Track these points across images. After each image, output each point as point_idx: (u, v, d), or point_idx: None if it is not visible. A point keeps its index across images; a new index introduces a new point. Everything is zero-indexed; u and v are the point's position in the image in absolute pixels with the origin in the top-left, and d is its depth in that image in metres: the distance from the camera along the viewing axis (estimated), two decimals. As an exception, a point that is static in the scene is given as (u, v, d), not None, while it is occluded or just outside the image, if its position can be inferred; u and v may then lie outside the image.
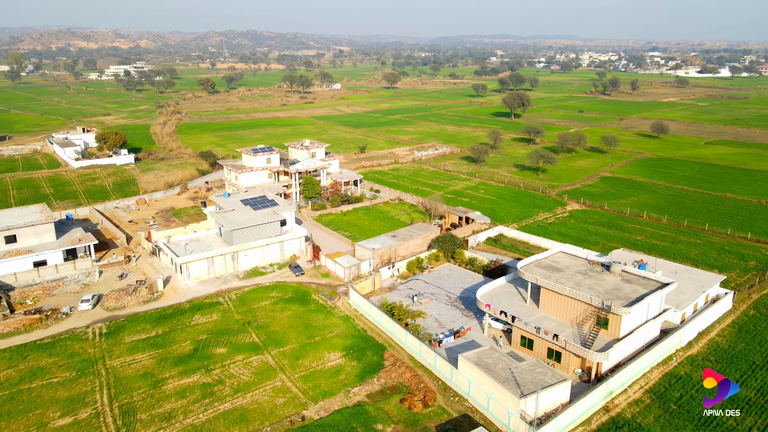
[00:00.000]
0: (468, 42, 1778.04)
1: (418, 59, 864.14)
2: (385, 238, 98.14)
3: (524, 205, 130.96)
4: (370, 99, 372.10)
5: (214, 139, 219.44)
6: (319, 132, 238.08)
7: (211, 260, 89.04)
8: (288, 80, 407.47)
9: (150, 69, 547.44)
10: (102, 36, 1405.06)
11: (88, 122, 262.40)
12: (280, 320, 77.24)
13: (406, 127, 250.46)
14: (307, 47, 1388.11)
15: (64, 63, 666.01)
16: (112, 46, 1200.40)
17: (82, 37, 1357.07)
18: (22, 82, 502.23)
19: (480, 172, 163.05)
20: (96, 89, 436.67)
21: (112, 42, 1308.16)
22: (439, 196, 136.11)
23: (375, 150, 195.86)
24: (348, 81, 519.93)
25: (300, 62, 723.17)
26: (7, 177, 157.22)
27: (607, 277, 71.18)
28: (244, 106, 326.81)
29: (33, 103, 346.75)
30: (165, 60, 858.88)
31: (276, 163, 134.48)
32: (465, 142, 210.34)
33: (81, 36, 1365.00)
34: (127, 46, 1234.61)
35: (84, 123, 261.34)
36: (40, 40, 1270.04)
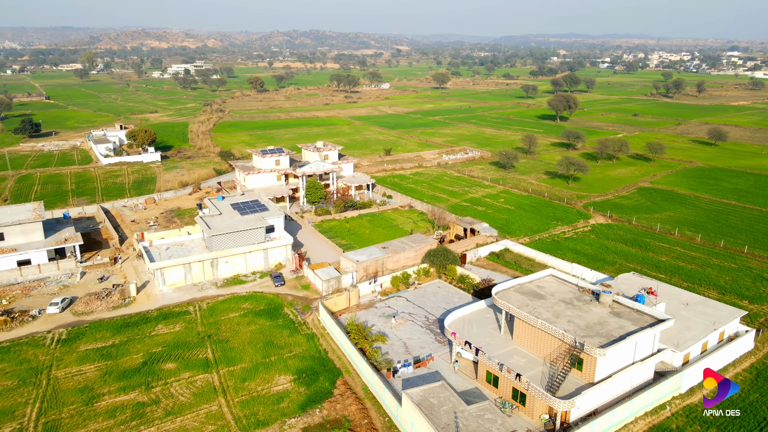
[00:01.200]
0: (532, 41, 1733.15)
1: (476, 59, 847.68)
2: (373, 250, 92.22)
3: (543, 216, 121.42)
4: (415, 99, 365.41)
5: (246, 138, 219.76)
6: (352, 132, 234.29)
7: (188, 266, 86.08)
8: (335, 80, 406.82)
9: (208, 68, 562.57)
10: (173, 36, 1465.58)
11: (134, 119, 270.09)
12: (243, 335, 72.99)
13: (442, 129, 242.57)
14: (368, 47, 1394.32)
15: (131, 62, 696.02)
16: (181, 46, 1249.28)
17: (155, 37, 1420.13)
18: (90, 79, 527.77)
19: (506, 179, 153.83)
20: (154, 87, 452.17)
21: (182, 42, 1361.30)
22: (444, 205, 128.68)
23: (402, 153, 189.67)
24: (399, 81, 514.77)
25: (355, 61, 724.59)
26: (38, 172, 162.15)
27: (595, 308, 62.45)
28: (287, 105, 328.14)
29: (92, 100, 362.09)
30: (227, 59, 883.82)
31: (285, 165, 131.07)
32: (500, 146, 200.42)
33: (154, 36, 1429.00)
34: (195, 46, 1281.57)
35: (130, 120, 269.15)
36: (116, 40, 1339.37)
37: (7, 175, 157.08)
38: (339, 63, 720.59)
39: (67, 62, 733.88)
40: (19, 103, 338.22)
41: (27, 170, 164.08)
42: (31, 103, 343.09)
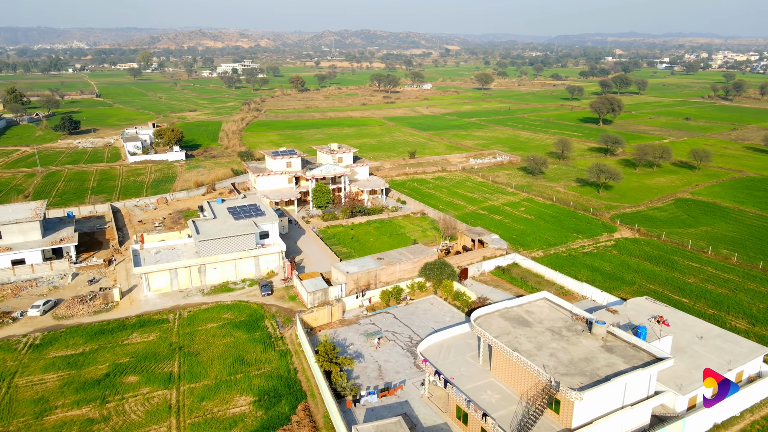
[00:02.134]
0: (589, 41, 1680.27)
1: (527, 59, 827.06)
2: (367, 261, 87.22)
3: (563, 228, 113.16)
4: (454, 100, 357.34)
5: (275, 138, 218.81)
6: (382, 134, 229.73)
7: (174, 272, 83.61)
8: (376, 79, 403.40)
9: (254, 67, 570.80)
10: (228, 36, 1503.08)
11: (173, 117, 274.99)
12: (215, 348, 69.57)
13: (476, 132, 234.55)
14: (417, 46, 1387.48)
15: (184, 61, 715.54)
16: (234, 46, 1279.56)
17: (211, 37, 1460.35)
18: (142, 78, 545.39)
19: (532, 186, 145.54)
20: (201, 86, 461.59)
21: (236, 42, 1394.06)
22: (459, 213, 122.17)
23: (428, 155, 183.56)
24: (442, 81, 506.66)
25: (401, 61, 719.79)
26: (66, 169, 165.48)
27: (585, 340, 55.41)
28: (324, 105, 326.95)
29: (138, 98, 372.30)
30: (277, 58, 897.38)
31: (297, 168, 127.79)
32: (533, 151, 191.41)
33: (210, 36, 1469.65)
34: (248, 46, 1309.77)
35: (169, 118, 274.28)
36: (174, 40, 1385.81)
37: (37, 171, 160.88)
38: (385, 63, 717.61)
39: (125, 61, 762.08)
40: (70, 100, 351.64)
41: (57, 167, 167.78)
42: (82, 100, 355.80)
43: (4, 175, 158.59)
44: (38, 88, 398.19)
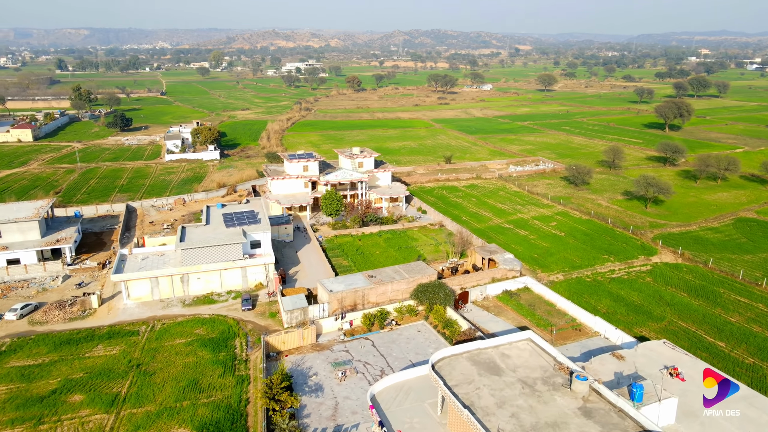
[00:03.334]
0: (673, 40, 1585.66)
1: (600, 59, 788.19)
2: (357, 278, 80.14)
3: (594, 248, 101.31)
4: (512, 102, 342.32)
5: (315, 138, 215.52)
6: (426, 136, 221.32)
7: (155, 280, 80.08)
8: (433, 80, 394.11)
9: (317, 66, 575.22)
10: (300, 36, 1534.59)
11: (223, 116, 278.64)
12: (173, 368, 64.90)
13: (525, 136, 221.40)
14: (488, 46, 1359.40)
15: (252, 60, 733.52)
16: (305, 45, 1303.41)
17: (284, 37, 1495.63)
18: (210, 77, 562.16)
19: (571, 198, 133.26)
20: (262, 85, 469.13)
21: (308, 42, 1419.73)
22: (482, 226, 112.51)
23: (466, 161, 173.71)
24: (505, 82, 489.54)
25: (465, 61, 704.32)
26: (104, 166, 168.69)
27: (561, 398, 46.01)
28: (376, 105, 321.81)
29: (199, 96, 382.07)
30: (343, 58, 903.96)
31: (314, 172, 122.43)
32: (584, 158, 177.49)
33: (283, 36, 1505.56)
34: (318, 45, 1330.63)
35: (220, 117, 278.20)
36: (249, 40, 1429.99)
37: (76, 168, 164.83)
38: (449, 63, 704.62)
39: (200, 61, 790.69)
40: (135, 98, 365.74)
41: (97, 163, 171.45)
42: (147, 98, 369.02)
43: (47, 170, 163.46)
44: (110, 85, 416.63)
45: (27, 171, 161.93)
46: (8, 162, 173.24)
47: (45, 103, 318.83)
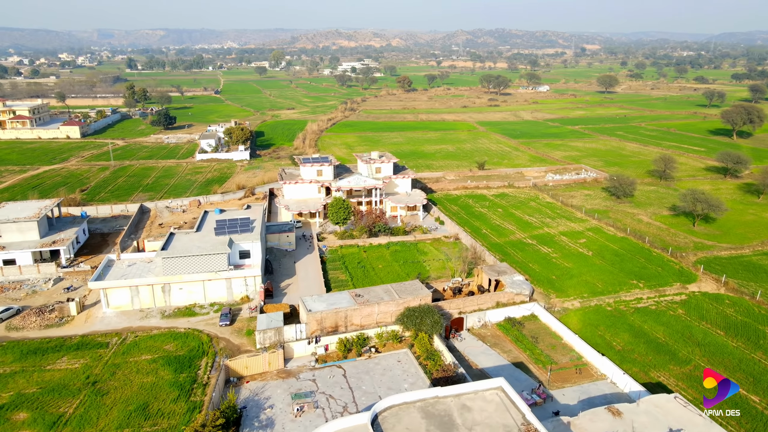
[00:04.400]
0: (759, 39, 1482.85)
1: (674, 59, 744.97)
2: (342, 297, 73.72)
3: (622, 270, 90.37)
4: (567, 104, 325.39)
5: (351, 140, 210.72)
6: (466, 140, 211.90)
7: (135, 289, 76.80)
8: (486, 80, 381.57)
9: (373, 66, 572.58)
10: (362, 36, 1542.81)
11: (267, 115, 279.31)
12: (128, 389, 60.80)
13: (573, 142, 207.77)
14: (553, 45, 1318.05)
15: (310, 60, 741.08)
16: (366, 45, 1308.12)
17: (346, 36, 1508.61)
18: (267, 76, 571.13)
19: (609, 212, 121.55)
20: (315, 84, 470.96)
21: (369, 41, 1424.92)
22: (501, 240, 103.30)
23: (501, 167, 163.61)
24: (564, 83, 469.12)
25: (526, 61, 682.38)
26: (137, 164, 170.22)
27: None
28: (423, 106, 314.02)
29: (250, 95, 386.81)
30: (402, 58, 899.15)
31: (328, 177, 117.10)
32: (634, 167, 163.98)
33: (345, 36, 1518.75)
34: (379, 45, 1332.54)
35: (264, 116, 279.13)
36: (312, 40, 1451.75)
37: (109, 165, 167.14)
38: (509, 62, 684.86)
39: (263, 60, 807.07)
40: (189, 96, 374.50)
41: (131, 161, 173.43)
42: (200, 96, 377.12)
43: (83, 167, 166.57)
44: (171, 84, 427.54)
45: (64, 168, 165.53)
46: (51, 158, 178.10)
47: (104, 101, 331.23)
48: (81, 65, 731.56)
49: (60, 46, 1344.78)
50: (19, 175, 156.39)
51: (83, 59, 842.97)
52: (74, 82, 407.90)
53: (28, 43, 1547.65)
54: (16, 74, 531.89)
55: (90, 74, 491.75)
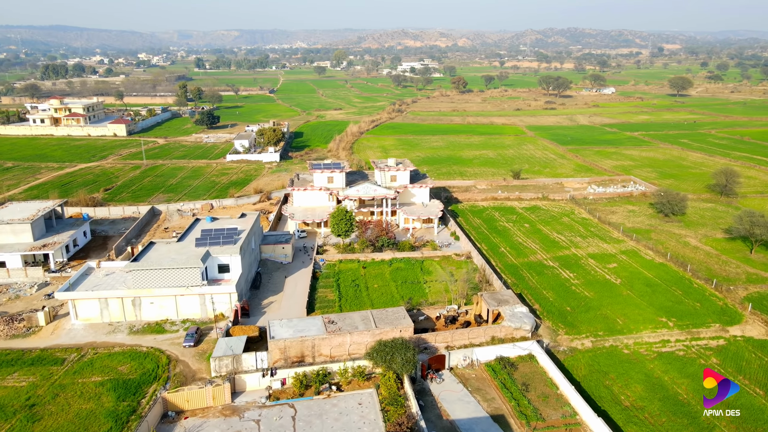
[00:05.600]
0: None
1: (762, 60, 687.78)
2: (314, 323, 66.47)
3: (652, 305, 78.08)
4: (631, 108, 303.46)
5: (389, 143, 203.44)
6: (511, 145, 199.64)
7: (104, 301, 72.85)
8: (545, 82, 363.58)
9: (431, 66, 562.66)
10: (428, 35, 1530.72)
11: (312, 115, 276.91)
12: (63, 416, 56.16)
13: (628, 149, 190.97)
14: (629, 45, 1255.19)
15: (370, 60, 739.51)
16: (431, 45, 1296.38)
17: (412, 36, 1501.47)
18: (325, 76, 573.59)
19: (652, 232, 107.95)
20: (371, 84, 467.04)
21: (435, 41, 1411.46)
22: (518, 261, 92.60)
23: (540, 177, 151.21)
24: (633, 84, 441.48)
25: (595, 62, 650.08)
26: (169, 163, 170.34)
27: None
28: (475, 108, 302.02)
29: (303, 94, 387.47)
30: (466, 58, 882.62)
31: (339, 184, 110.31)
32: (693, 180, 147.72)
33: (411, 36, 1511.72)
34: (445, 45, 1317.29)
35: (310, 116, 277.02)
36: (378, 40, 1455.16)
37: (142, 164, 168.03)
38: (577, 63, 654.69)
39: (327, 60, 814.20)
40: (244, 95, 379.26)
41: (164, 161, 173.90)
42: (254, 96, 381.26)
43: (117, 165, 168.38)
44: (231, 83, 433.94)
45: (99, 166, 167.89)
46: (90, 156, 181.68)
47: (161, 99, 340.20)
48: (154, 64, 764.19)
49: (142, 47, 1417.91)
50: (56, 172, 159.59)
51: (158, 59, 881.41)
52: (138, 81, 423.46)
53: (115, 43, 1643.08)
54: (92, 72, 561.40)
55: (157, 73, 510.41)
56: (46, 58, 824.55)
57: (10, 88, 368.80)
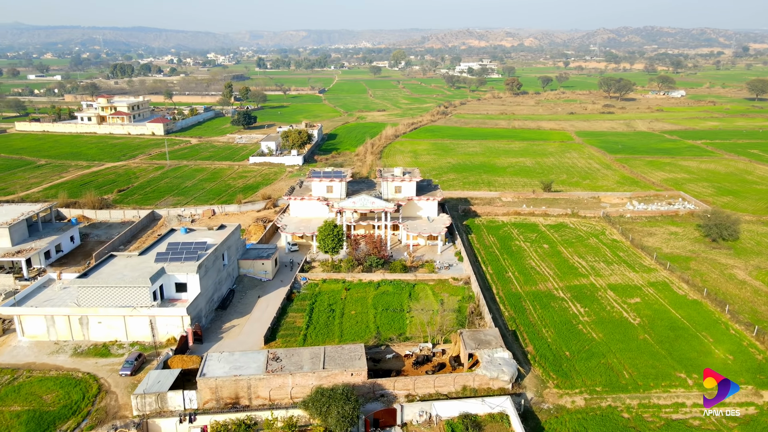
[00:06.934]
0: None
1: None
2: (256, 359, 58.41)
3: (672, 355, 64.94)
4: (698, 113, 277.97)
5: (423, 147, 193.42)
6: (554, 153, 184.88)
7: (50, 319, 67.95)
8: (605, 84, 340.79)
9: (489, 67, 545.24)
10: (494, 35, 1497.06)
11: (354, 116, 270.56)
12: (-37, 450, 51.16)
13: (686, 160, 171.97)
14: (711, 44, 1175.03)
15: (428, 60, 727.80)
16: (496, 45, 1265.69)
17: (477, 36, 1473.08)
18: (381, 76, 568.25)
19: (693, 260, 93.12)
20: (423, 85, 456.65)
21: (500, 41, 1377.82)
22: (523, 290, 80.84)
23: (576, 189, 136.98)
24: (708, 87, 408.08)
25: (667, 62, 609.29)
26: (192, 164, 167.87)
27: None
28: (524, 111, 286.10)
29: (352, 95, 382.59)
30: (530, 59, 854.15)
31: (339, 194, 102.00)
32: (757, 198, 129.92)
33: (476, 35, 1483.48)
34: (510, 45, 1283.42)
35: (351, 117, 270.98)
36: (442, 40, 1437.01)
37: (165, 165, 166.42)
38: (648, 64, 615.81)
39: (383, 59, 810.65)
40: (293, 95, 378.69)
41: (188, 161, 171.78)
42: (302, 95, 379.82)
43: (142, 165, 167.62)
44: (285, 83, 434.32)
45: (125, 165, 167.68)
46: (120, 155, 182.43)
47: (212, 98, 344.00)
48: (219, 64, 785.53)
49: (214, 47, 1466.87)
50: (82, 170, 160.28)
51: (224, 59, 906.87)
52: (194, 80, 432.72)
53: (190, 44, 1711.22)
54: (157, 71, 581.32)
55: (215, 72, 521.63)
56: (123, 57, 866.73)
57: (75, 86, 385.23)
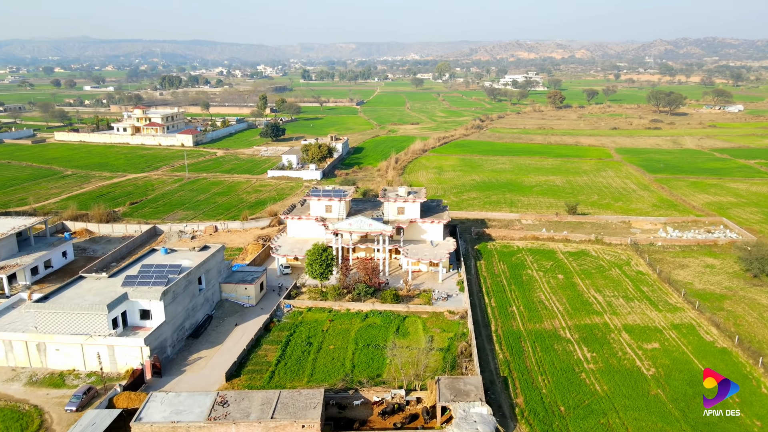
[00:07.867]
0: None
1: None
2: (201, 402, 52.67)
3: (687, 419, 55.34)
4: (755, 130, 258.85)
5: (450, 163, 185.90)
6: (588, 171, 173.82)
7: (8, 344, 64.57)
8: (654, 98, 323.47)
9: (535, 80, 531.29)
10: (544, 47, 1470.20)
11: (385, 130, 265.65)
12: None
13: (734, 182, 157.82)
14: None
15: (475, 72, 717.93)
16: (545, 57, 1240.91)
17: (527, 48, 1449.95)
18: (422, 88, 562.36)
19: (728, 299, 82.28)
20: (464, 98, 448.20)
21: (551, 53, 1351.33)
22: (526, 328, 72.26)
23: (605, 212, 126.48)
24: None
25: (727, 75, 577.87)
26: (211, 177, 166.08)
27: None
28: (564, 126, 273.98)
29: (390, 107, 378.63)
30: (580, 71, 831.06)
31: (338, 214, 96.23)
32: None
33: (526, 47, 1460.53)
34: (560, 57, 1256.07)
35: (383, 130, 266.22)
36: (490, 52, 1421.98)
37: (184, 177, 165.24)
38: (705, 76, 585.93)
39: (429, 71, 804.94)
40: (329, 107, 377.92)
41: (208, 174, 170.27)
42: (339, 107, 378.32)
43: (162, 177, 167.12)
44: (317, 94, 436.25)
45: (145, 177, 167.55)
46: (145, 166, 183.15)
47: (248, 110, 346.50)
48: (266, 76, 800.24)
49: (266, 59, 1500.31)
50: (103, 182, 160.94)
51: (272, 71, 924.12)
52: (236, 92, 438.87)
53: (243, 56, 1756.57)
54: (204, 83, 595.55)
55: (258, 84, 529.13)
56: (177, 69, 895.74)
57: (122, 97, 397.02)
